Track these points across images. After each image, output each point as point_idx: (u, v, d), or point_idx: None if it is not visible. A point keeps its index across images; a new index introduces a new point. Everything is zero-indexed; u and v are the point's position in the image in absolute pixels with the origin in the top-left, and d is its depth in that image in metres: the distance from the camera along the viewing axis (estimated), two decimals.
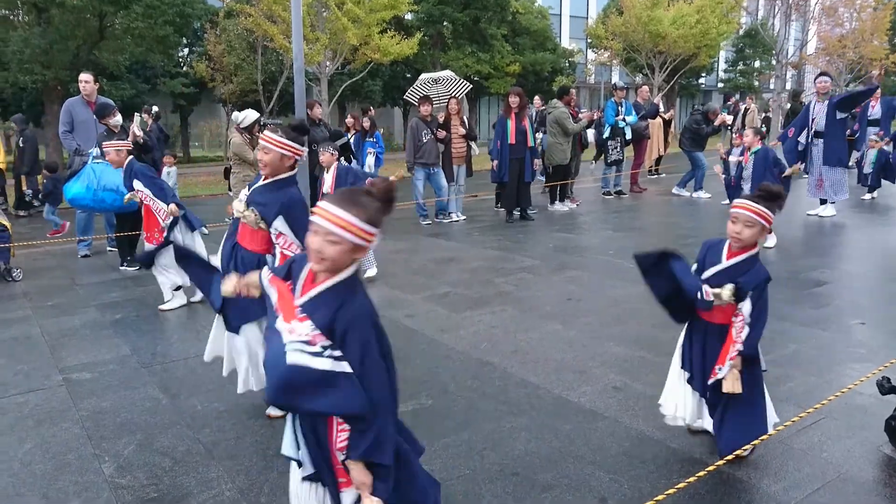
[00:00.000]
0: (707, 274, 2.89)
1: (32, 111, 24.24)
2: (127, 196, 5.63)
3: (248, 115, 7.78)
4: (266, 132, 3.35)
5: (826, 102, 8.83)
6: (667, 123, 14.20)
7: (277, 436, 2.69)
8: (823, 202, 9.18)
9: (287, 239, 3.27)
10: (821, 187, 9.09)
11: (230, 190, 8.19)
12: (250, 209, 3.36)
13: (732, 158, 7.70)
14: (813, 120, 8.96)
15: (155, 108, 10.53)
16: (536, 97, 13.60)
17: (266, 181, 3.37)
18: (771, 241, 7.15)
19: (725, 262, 2.88)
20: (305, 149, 3.49)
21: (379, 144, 12.07)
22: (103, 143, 6.00)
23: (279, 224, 3.27)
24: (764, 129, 12.19)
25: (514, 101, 9.31)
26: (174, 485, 2.88)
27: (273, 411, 3.41)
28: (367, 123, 11.75)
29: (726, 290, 2.78)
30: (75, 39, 17.36)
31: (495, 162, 9.55)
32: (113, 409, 3.67)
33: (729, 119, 12.64)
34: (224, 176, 9.46)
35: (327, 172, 6.19)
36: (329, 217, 1.84)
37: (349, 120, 12.39)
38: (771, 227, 2.88)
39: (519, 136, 9.30)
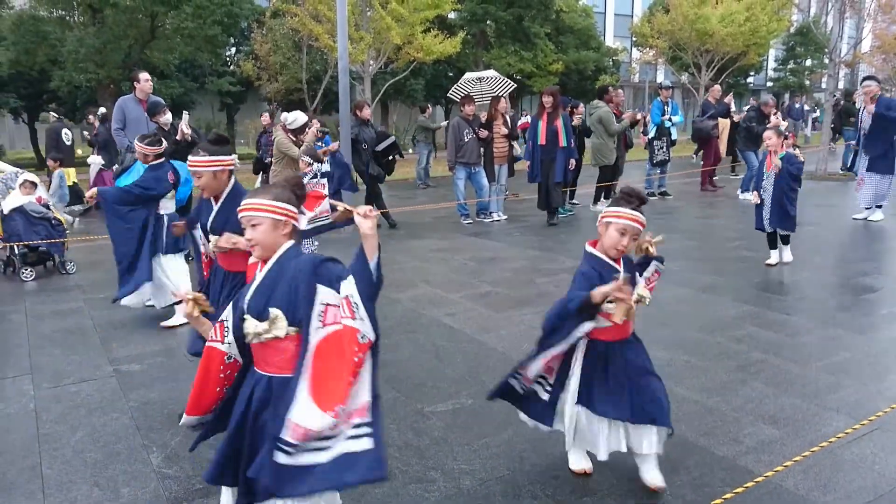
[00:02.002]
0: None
1: (86, 109, 24.99)
2: None
3: (298, 118, 7.65)
4: (190, 157, 3.27)
5: (872, 106, 8.54)
6: (736, 125, 13.47)
7: None
8: (869, 207, 8.92)
9: None
10: (860, 188, 8.91)
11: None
12: (219, 238, 3.28)
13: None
14: (861, 123, 8.74)
15: (102, 110, 10.17)
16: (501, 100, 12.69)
17: (217, 205, 3.33)
18: (787, 255, 6.64)
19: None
20: (234, 157, 3.39)
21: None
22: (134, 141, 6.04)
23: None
24: (789, 132, 11.67)
25: (547, 101, 9.15)
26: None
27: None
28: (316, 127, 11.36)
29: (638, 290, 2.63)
30: (127, 39, 17.85)
31: (528, 163, 9.51)
32: (161, 400, 3.76)
33: (783, 124, 12.12)
34: (253, 171, 9.47)
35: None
36: (243, 207, 2.21)
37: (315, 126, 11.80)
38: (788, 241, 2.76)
39: (550, 136, 9.09)
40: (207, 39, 19.01)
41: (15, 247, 6.65)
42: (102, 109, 10.26)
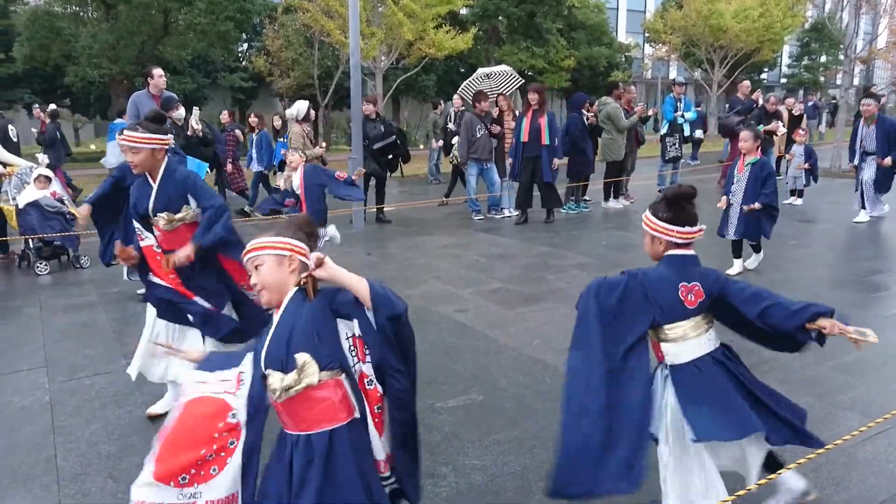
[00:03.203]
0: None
1: (100, 104, 25.18)
2: None
3: (300, 107, 8.03)
4: (126, 132, 3.21)
5: (873, 126, 8.33)
6: (796, 119, 12.39)
7: None
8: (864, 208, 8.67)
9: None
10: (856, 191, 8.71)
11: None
12: (161, 215, 3.27)
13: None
14: (861, 141, 8.49)
15: (52, 106, 9.90)
16: (456, 96, 11.91)
17: (156, 184, 3.26)
18: (753, 262, 6.31)
19: None
20: (170, 136, 3.34)
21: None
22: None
23: (193, 203, 3.31)
24: (782, 131, 11.43)
25: (532, 98, 8.95)
26: None
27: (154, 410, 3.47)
28: (278, 123, 11.00)
29: None
30: (141, 35, 17.97)
31: (510, 161, 9.43)
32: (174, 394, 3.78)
33: (781, 129, 11.80)
34: (279, 168, 9.58)
35: (295, 172, 5.93)
36: (245, 251, 1.99)
37: (252, 119, 11.31)
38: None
39: (532, 134, 8.84)
40: (220, 35, 19.12)
41: (30, 241, 6.71)
42: (52, 106, 9.94)
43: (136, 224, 3.34)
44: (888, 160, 8.10)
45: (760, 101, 12.45)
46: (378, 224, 9.30)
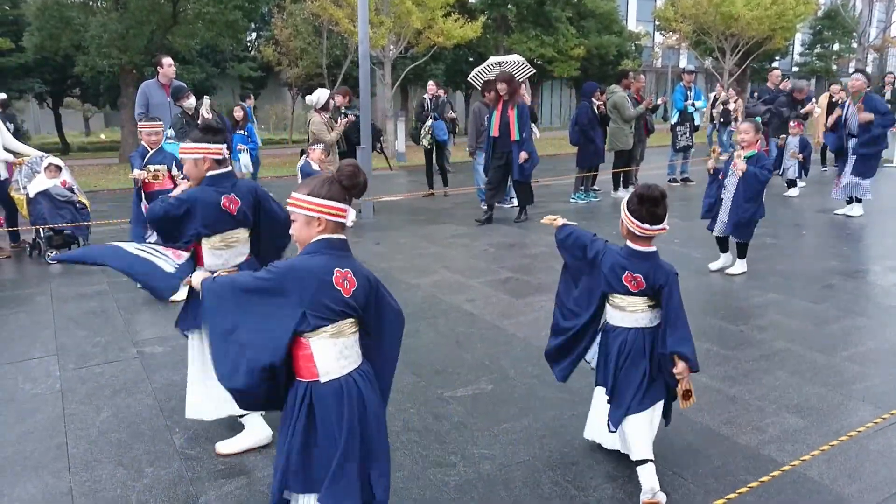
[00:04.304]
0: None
1: (109, 94, 25.24)
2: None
3: (321, 95, 7.96)
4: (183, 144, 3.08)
5: (860, 104, 7.90)
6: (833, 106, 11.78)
7: None
8: (850, 201, 8.37)
9: None
10: (837, 187, 8.31)
11: None
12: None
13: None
14: (846, 120, 8.09)
15: (2, 96, 9.79)
16: (430, 82, 11.22)
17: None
18: (739, 267, 5.85)
19: None
20: (222, 146, 3.07)
21: (252, 140, 10.87)
22: (139, 122, 6.01)
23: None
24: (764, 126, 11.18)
25: (501, 88, 8.24)
26: (241, 457, 2.96)
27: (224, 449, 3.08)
28: (238, 114, 10.65)
29: None
30: (150, 24, 17.96)
31: (476, 154, 9.24)
32: (183, 382, 3.76)
33: (817, 110, 11.59)
34: (301, 155, 9.52)
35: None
36: (288, 201, 2.06)
37: (237, 112, 11.07)
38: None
39: (502, 128, 8.24)
40: (228, 24, 19.08)
41: (41, 230, 6.74)
42: (2, 95, 9.79)
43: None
44: (869, 115, 7.70)
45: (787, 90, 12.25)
46: (386, 214, 9.29)
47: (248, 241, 3.13)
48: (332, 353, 2.00)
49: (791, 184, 10.30)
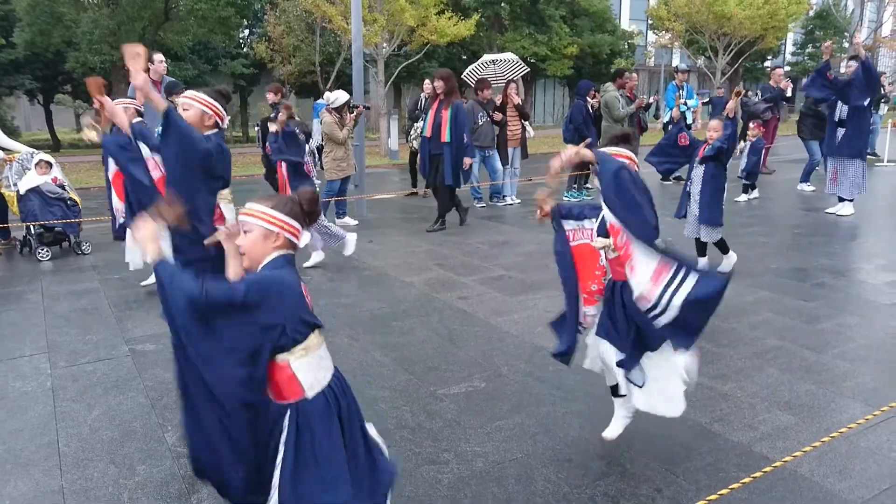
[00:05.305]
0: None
1: None
2: None
3: (339, 97, 7.93)
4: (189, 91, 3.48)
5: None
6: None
7: None
8: (841, 200, 8.34)
9: None
10: (835, 181, 8.24)
11: (322, 168, 8.31)
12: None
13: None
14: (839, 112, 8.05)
15: None
16: (427, 81, 10.33)
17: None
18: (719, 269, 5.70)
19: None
20: (224, 114, 3.60)
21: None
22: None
23: None
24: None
25: (437, 85, 7.77)
26: None
27: None
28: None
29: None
30: (142, 21, 17.88)
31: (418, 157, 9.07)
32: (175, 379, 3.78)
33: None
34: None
35: None
36: (242, 210, 2.02)
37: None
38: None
39: (434, 129, 7.72)
40: (221, 21, 19.02)
41: (31, 227, 6.70)
42: None
43: None
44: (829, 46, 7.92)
45: (788, 91, 12.28)
46: (379, 212, 9.27)
47: None
48: (313, 366, 1.96)
49: (744, 189, 9.93)
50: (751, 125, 10.07)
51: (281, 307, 1.87)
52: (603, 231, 2.75)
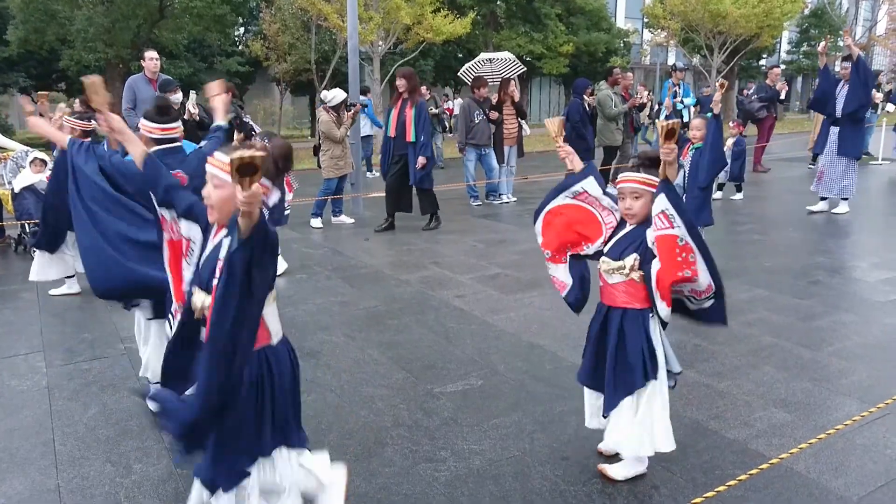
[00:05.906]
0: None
1: None
2: None
3: (336, 95, 7.91)
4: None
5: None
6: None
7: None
8: (823, 199, 8.33)
9: None
10: (821, 180, 8.23)
11: (319, 167, 8.28)
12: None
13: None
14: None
15: None
16: (423, 87, 10.20)
17: None
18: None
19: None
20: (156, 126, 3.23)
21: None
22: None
23: None
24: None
25: (400, 83, 7.61)
26: None
27: None
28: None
29: (629, 259, 2.58)
30: (136, 18, 17.82)
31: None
32: None
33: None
34: (313, 153, 9.42)
35: None
36: (210, 161, 1.96)
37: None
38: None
39: (399, 128, 7.58)
40: (216, 19, 18.96)
41: (26, 225, 6.68)
42: None
43: None
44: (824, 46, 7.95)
45: (783, 94, 12.33)
46: (375, 210, 9.26)
47: None
48: (276, 315, 2.07)
49: (720, 187, 9.79)
50: (731, 124, 10.12)
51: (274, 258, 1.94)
52: (617, 254, 2.64)
